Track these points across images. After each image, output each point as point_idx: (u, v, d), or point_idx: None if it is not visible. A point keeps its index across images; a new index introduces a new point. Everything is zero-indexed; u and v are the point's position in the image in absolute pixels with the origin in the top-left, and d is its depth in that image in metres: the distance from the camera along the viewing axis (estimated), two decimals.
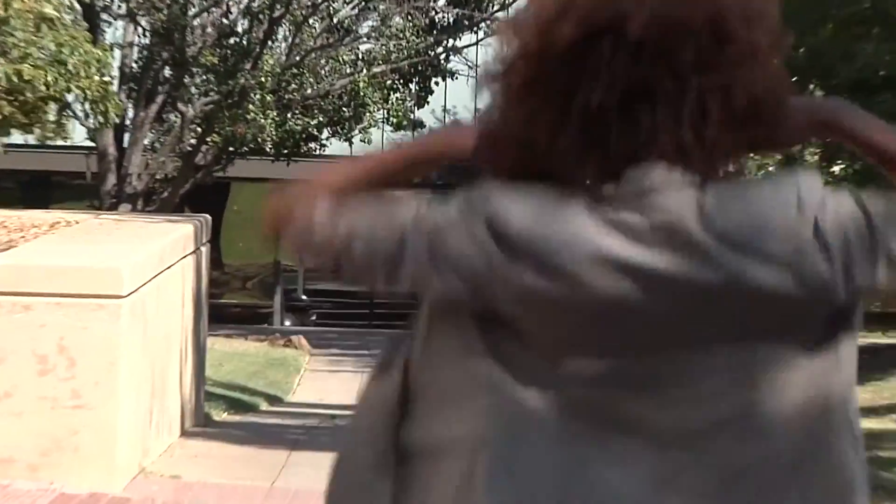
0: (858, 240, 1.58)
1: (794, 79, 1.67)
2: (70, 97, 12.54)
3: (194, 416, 8.91)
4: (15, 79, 10.69)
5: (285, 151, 20.68)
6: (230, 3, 19.56)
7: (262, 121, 19.23)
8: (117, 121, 14.74)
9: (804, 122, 1.69)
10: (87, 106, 12.35)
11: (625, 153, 1.61)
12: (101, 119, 12.45)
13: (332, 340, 18.82)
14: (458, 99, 22.40)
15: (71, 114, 14.68)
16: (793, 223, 1.58)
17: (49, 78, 10.85)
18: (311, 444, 8.68)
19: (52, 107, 12.43)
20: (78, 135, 18.28)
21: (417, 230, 1.63)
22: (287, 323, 25.07)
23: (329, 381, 14.76)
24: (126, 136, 19.24)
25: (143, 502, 6.35)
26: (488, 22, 21.41)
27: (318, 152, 21.74)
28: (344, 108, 20.95)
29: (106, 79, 12.33)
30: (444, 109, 23.45)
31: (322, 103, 20.72)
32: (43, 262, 6.78)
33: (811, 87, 13.04)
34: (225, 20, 19.44)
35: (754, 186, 1.61)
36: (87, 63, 11.37)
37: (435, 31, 21.74)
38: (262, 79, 19.19)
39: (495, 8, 21.38)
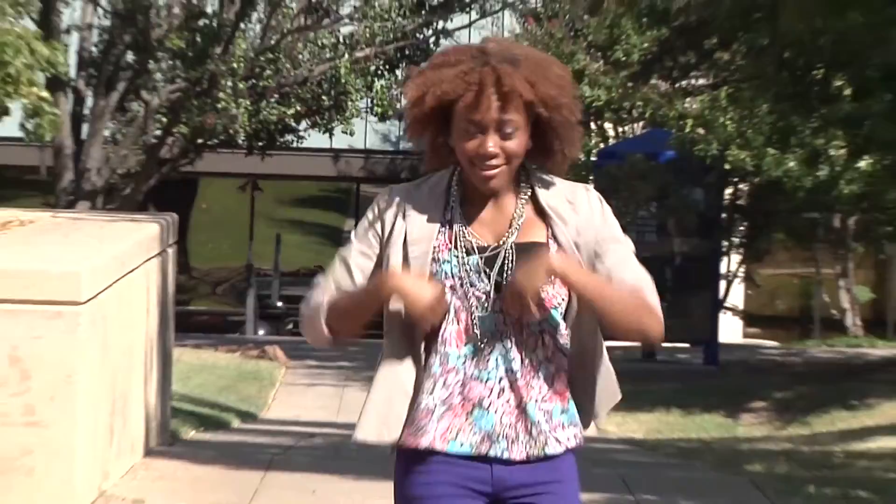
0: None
1: (819, 68, 1.58)
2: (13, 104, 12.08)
3: (160, 434, 8.80)
4: None
5: (260, 144, 20.76)
6: None
7: (234, 110, 19.24)
8: (49, 138, 14.59)
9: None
10: (24, 119, 12.04)
11: None
12: (32, 136, 12.27)
13: (309, 351, 18.50)
14: None
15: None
16: None
17: None
18: (287, 464, 8.52)
19: None
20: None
21: None
22: (261, 332, 24.75)
23: (306, 396, 14.76)
24: (84, 128, 18.98)
25: None
26: (481, 2, 21.55)
27: (295, 145, 21.99)
28: (324, 97, 20.92)
29: (44, 94, 11.97)
30: None
31: (300, 91, 20.64)
32: None
33: (838, 77, 12.68)
34: (193, 0, 19.25)
35: None
36: (30, 66, 11.02)
37: (424, 12, 21.59)
38: (234, 64, 19.15)
39: None
